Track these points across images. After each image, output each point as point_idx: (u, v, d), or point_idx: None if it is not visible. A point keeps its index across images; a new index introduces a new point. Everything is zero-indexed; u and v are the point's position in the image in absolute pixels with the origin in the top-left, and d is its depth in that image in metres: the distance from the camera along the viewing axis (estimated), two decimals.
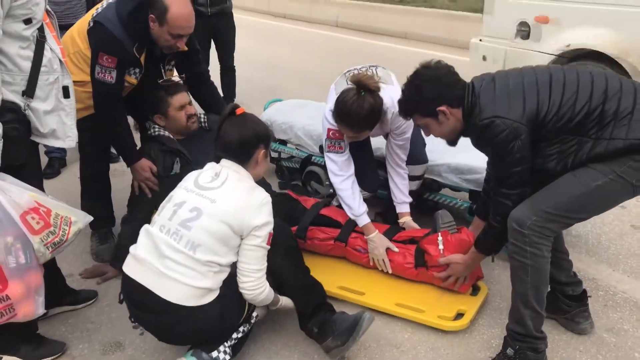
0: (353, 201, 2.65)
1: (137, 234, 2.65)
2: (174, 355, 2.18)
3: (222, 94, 5.22)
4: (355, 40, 9.46)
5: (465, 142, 2.20)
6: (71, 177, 3.92)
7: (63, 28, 2.93)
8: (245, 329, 2.14)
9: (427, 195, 3.12)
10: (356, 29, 10.94)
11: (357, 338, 2.10)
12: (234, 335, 2.09)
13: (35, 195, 1.94)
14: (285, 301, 2.25)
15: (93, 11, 2.59)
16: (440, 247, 2.47)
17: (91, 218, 2.15)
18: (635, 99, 1.87)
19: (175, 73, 2.94)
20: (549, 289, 2.22)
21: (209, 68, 5.01)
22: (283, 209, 2.53)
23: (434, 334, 2.31)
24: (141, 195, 2.70)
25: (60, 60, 2.05)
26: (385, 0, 12.19)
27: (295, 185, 3.63)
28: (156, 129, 2.75)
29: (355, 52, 8.35)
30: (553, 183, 1.97)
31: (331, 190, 3.45)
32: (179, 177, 2.14)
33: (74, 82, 2.55)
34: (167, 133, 2.74)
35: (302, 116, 3.67)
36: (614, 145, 1.84)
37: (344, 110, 2.46)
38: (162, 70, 2.78)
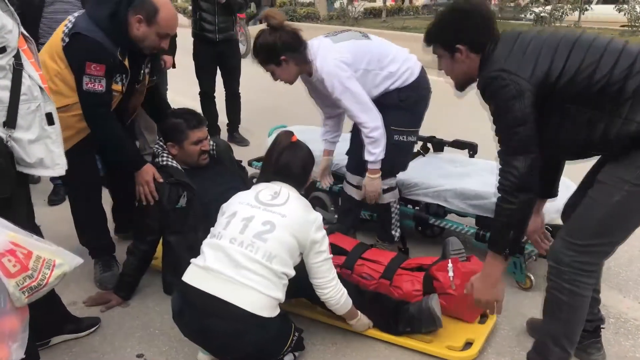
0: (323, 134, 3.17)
1: (142, 265, 2.68)
2: None
3: (227, 120, 5.29)
4: None
5: (470, 167, 2.18)
6: None
7: None
8: None
9: (433, 221, 3.09)
10: None
11: (440, 318, 2.28)
12: None
13: (16, 235, 1.80)
14: (364, 318, 2.33)
15: (61, 30, 2.50)
16: (450, 274, 2.42)
17: (81, 260, 1.98)
18: None
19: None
20: None
21: (215, 94, 5.10)
22: None
23: None
24: (146, 227, 2.63)
25: (40, 87, 1.99)
26: (387, 27, 12.34)
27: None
28: (164, 159, 2.70)
29: None
30: (576, 213, 1.90)
31: (336, 216, 3.44)
32: (185, 211, 2.13)
33: (58, 108, 2.52)
34: (175, 163, 2.70)
35: (306, 142, 3.66)
36: (627, 129, 1.71)
37: (253, 43, 2.75)
38: (143, 72, 2.75)
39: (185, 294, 2.05)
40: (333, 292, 2.13)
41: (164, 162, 2.68)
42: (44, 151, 2.01)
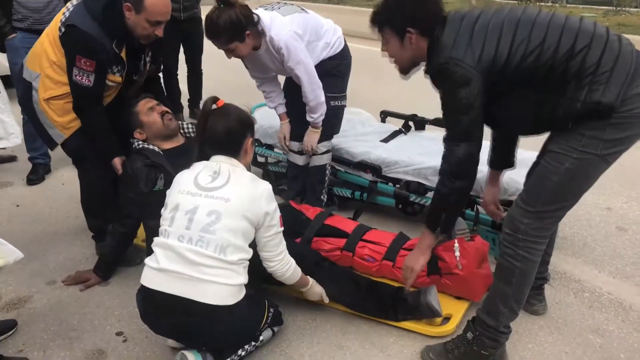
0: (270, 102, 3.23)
1: (120, 248, 2.65)
2: None
3: (189, 96, 5.38)
4: None
5: None
6: (55, 183, 3.88)
7: None
8: (250, 348, 2.14)
9: (414, 199, 3.11)
10: (347, 34, 10.93)
11: (439, 311, 2.27)
12: (240, 352, 2.11)
13: None
14: (316, 286, 2.31)
15: (59, 18, 2.50)
16: (457, 254, 2.41)
17: (21, 255, 1.96)
18: (602, 54, 1.74)
19: None
20: None
21: (178, 72, 5.11)
22: (285, 221, 2.47)
23: (420, 339, 2.28)
24: (125, 210, 2.59)
25: None
26: (374, 5, 12.23)
27: (282, 190, 3.61)
28: (140, 142, 2.63)
29: None
30: (530, 181, 1.96)
31: (322, 198, 3.44)
32: (163, 193, 2.07)
33: (57, 96, 2.53)
34: (151, 146, 2.62)
35: None
36: (572, 108, 1.76)
37: (206, 24, 2.69)
38: (143, 62, 2.71)
39: (147, 296, 1.97)
40: (279, 265, 2.09)
41: (140, 146, 2.61)
42: None
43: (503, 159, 2.38)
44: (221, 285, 1.90)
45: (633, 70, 1.74)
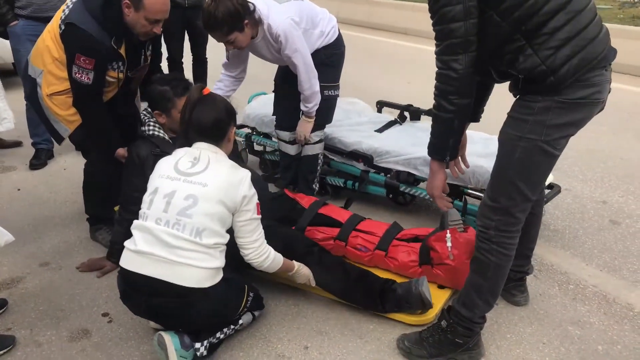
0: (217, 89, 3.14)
1: (130, 233, 2.64)
2: (139, 344, 2.21)
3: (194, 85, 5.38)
4: (355, 36, 9.41)
5: None
6: (57, 168, 3.96)
7: (45, 20, 2.95)
8: (229, 331, 2.18)
9: (404, 189, 3.11)
10: (356, 24, 10.93)
11: (430, 302, 2.29)
12: (218, 334, 2.14)
13: None
14: (303, 268, 2.32)
15: (60, 15, 2.54)
16: (449, 244, 2.42)
17: (12, 238, 2.05)
18: (582, 29, 1.66)
19: None
20: None
21: (183, 60, 5.11)
22: (280, 210, 2.44)
23: (399, 326, 2.31)
24: (130, 197, 2.56)
25: None
26: None
27: (278, 179, 3.65)
28: (151, 128, 2.62)
29: (353, 47, 8.30)
30: (491, 177, 1.93)
31: (314, 187, 3.47)
32: None
33: (60, 92, 2.58)
34: (162, 133, 2.62)
35: None
36: (530, 62, 1.67)
37: (203, 17, 2.68)
38: (143, 57, 2.75)
39: (125, 278, 2.02)
40: (254, 254, 2.08)
41: (150, 132, 2.61)
42: None
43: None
44: (197, 268, 1.94)
45: (601, 57, 1.71)
